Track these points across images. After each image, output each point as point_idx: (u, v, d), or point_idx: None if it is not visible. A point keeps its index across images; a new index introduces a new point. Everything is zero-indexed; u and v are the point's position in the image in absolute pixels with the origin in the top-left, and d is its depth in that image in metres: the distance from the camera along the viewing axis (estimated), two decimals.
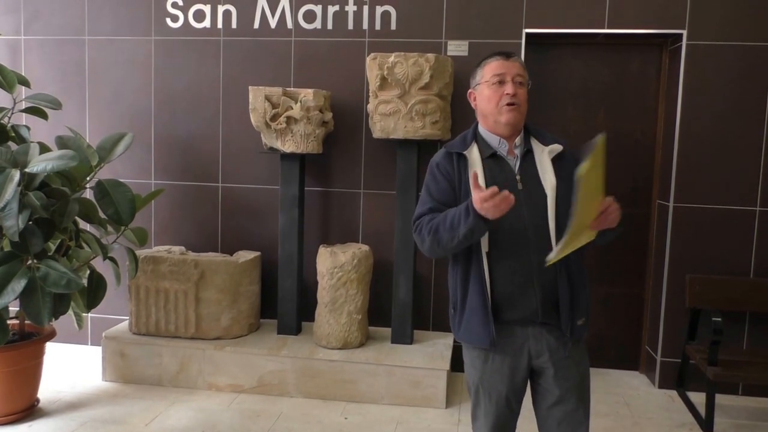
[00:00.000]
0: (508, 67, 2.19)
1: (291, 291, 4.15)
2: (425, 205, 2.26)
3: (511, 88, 2.16)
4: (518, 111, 2.17)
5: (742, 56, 3.90)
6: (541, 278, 2.09)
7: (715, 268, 3.99)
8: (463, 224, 2.01)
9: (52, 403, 3.69)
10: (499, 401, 2.24)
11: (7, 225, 2.91)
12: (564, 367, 2.17)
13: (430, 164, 2.31)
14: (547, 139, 2.21)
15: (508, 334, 2.17)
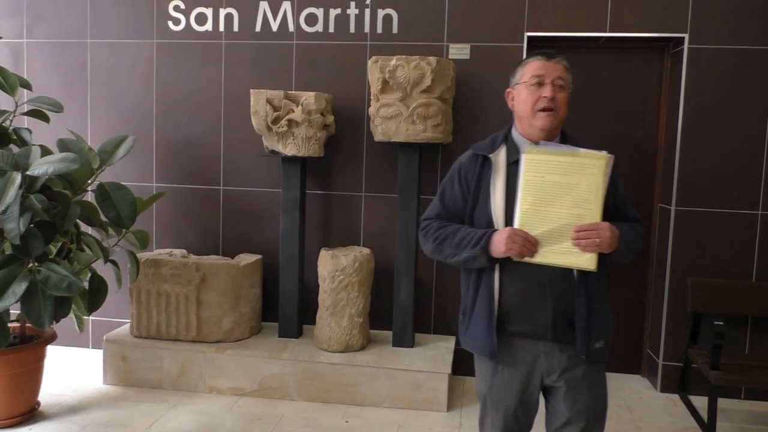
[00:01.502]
0: (549, 68, 2.08)
1: (292, 294, 4.15)
2: (435, 209, 2.25)
3: (549, 91, 2.05)
4: (554, 116, 2.06)
5: (743, 60, 3.90)
6: (555, 293, 2.03)
7: (717, 271, 3.98)
8: (468, 248, 2.06)
9: (53, 406, 3.69)
10: (506, 414, 2.19)
11: (8, 228, 2.91)
12: (576, 389, 2.10)
13: (455, 164, 2.28)
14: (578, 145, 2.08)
15: (517, 347, 2.12)
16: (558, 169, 1.96)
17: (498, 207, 2.07)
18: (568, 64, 2.12)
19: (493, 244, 2.01)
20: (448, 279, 4.29)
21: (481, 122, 4.15)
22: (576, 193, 1.95)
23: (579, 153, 1.96)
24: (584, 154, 1.96)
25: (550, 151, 1.99)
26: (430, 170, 4.23)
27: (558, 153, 1.98)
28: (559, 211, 1.96)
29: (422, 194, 4.13)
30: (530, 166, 1.99)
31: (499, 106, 4.10)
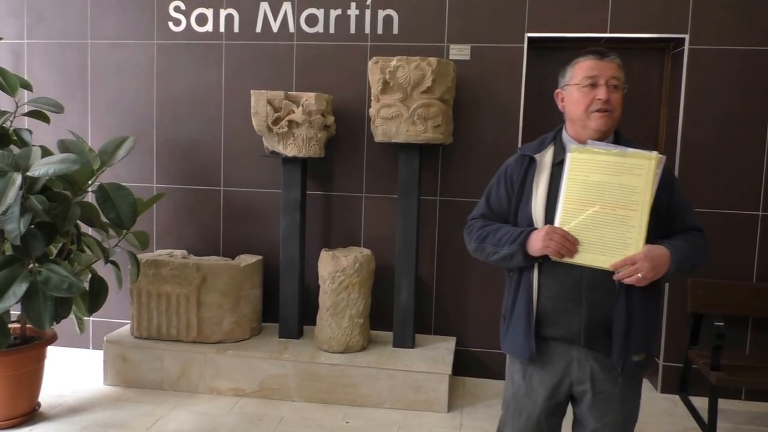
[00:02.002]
0: (603, 68, 1.99)
1: (292, 295, 4.15)
2: (480, 209, 2.23)
3: (603, 93, 1.96)
4: (610, 118, 1.98)
5: (744, 61, 3.90)
6: (591, 298, 1.97)
7: (718, 272, 3.97)
8: (507, 246, 2.02)
9: (54, 407, 3.69)
10: (528, 421, 2.15)
11: (8, 229, 2.91)
12: (605, 401, 2.05)
13: (503, 165, 2.23)
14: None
15: (552, 351, 2.07)
16: (604, 169, 1.91)
17: (539, 207, 2.03)
18: (621, 62, 2.03)
19: (531, 241, 1.97)
20: (448, 280, 4.29)
21: (482, 123, 4.15)
22: (622, 194, 1.89)
23: (627, 153, 1.91)
24: (632, 153, 1.90)
25: (597, 151, 1.94)
26: (431, 171, 4.23)
27: (605, 152, 1.92)
28: (601, 211, 1.90)
29: (423, 195, 4.14)
30: (575, 165, 1.95)
31: (499, 106, 4.12)
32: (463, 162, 4.20)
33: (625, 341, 1.95)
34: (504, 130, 4.13)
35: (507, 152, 4.06)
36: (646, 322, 1.98)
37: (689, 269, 1.97)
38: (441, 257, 4.29)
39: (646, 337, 2.00)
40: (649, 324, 2.01)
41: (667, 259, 1.88)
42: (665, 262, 1.87)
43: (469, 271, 4.25)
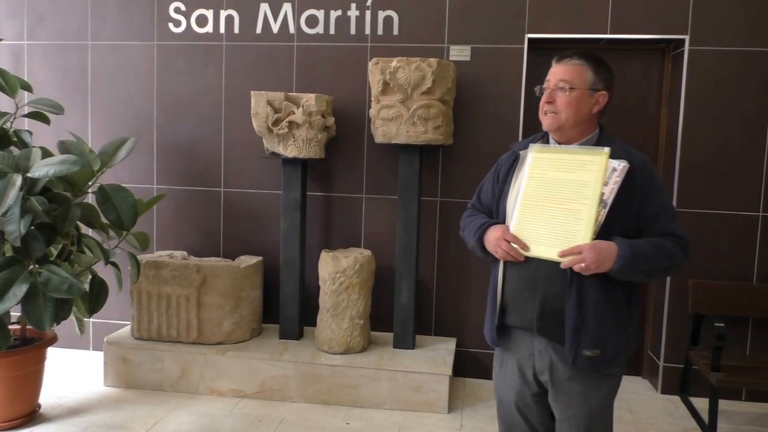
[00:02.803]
0: (555, 72, 2.09)
1: (293, 296, 4.14)
2: (473, 200, 2.43)
3: (545, 96, 2.09)
4: (555, 119, 2.06)
5: (744, 62, 3.90)
6: (545, 290, 2.03)
7: (718, 273, 3.98)
8: (471, 237, 2.21)
9: (54, 408, 3.69)
10: (509, 408, 2.23)
11: (8, 230, 2.91)
12: (564, 393, 2.09)
13: (498, 159, 2.38)
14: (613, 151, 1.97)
15: (517, 339, 2.16)
16: (560, 167, 2.01)
17: (512, 200, 2.12)
18: (583, 62, 2.09)
19: (486, 237, 2.13)
20: (448, 281, 4.29)
21: (482, 124, 4.15)
22: (574, 189, 1.96)
23: (580, 150, 2.00)
24: (585, 150, 1.99)
25: (557, 150, 2.06)
26: (431, 172, 4.23)
27: (564, 151, 2.03)
28: (554, 206, 1.99)
29: (423, 196, 4.13)
30: (535, 164, 2.06)
31: (499, 107, 4.12)
32: (463, 163, 4.20)
33: (576, 335, 1.98)
34: (504, 131, 4.13)
35: None
36: (601, 318, 1.99)
37: (647, 271, 1.95)
38: (441, 258, 4.29)
39: (602, 333, 1.99)
40: (607, 321, 2.00)
41: (613, 254, 1.90)
42: (611, 257, 1.90)
43: (469, 272, 4.25)
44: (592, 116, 2.07)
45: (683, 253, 2.00)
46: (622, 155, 1.99)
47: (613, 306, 2.01)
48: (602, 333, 2.00)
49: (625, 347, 2.06)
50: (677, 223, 2.03)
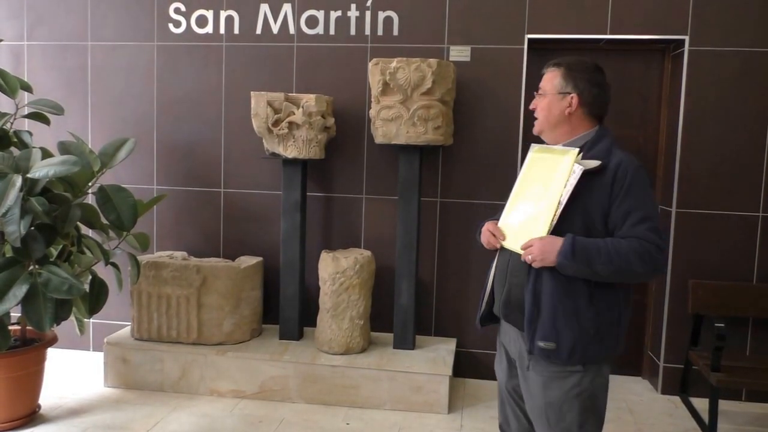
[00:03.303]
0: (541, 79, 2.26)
1: (293, 296, 4.14)
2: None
3: (532, 103, 2.27)
4: (536, 123, 2.25)
5: (744, 62, 3.90)
6: (511, 279, 2.15)
7: (718, 273, 3.98)
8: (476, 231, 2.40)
9: (54, 409, 3.69)
10: (502, 390, 2.39)
11: (8, 230, 2.91)
12: (527, 381, 2.16)
13: None
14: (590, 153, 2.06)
15: (504, 326, 2.32)
16: (541, 166, 2.14)
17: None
18: (555, 68, 2.19)
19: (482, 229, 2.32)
20: (448, 281, 4.29)
21: (482, 124, 4.15)
22: (544, 187, 2.07)
23: (558, 150, 2.11)
24: (561, 151, 2.09)
25: (546, 149, 2.18)
26: (431, 172, 4.23)
27: (549, 151, 2.15)
28: (528, 202, 2.13)
29: (423, 196, 4.13)
30: (528, 163, 2.24)
31: (499, 107, 4.12)
32: (463, 163, 4.20)
33: (531, 325, 2.05)
34: (504, 131, 4.13)
35: (507, 154, 4.12)
36: (555, 312, 2.02)
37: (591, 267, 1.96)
38: (441, 259, 4.29)
39: (556, 326, 2.02)
40: (562, 315, 2.02)
41: (556, 249, 1.97)
42: (554, 251, 1.97)
43: (469, 272, 4.25)
44: (568, 118, 2.15)
45: (647, 257, 1.94)
46: (602, 156, 2.03)
47: (570, 301, 2.02)
48: (557, 326, 2.02)
49: (586, 344, 2.02)
50: (649, 226, 1.97)
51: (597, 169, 1.99)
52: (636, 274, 1.96)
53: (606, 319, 2.03)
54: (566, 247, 1.95)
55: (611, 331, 2.05)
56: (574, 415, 2.07)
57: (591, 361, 2.05)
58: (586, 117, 2.15)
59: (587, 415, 2.08)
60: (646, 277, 2.01)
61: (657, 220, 2.01)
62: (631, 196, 1.99)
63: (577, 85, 2.13)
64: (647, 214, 1.98)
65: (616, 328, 2.06)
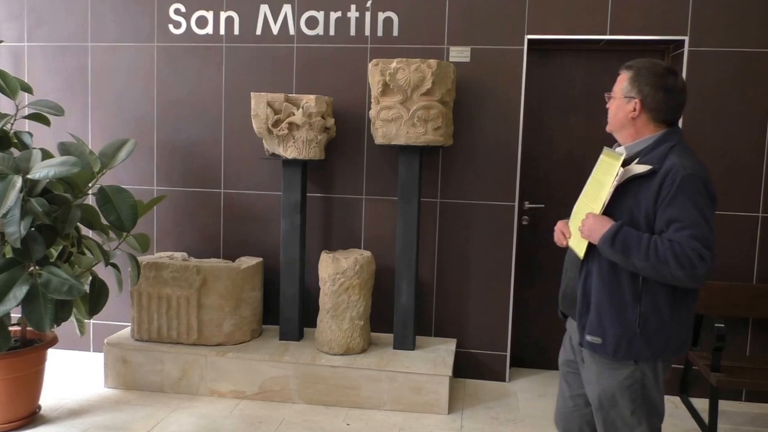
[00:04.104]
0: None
1: (293, 297, 4.15)
2: None
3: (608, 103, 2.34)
4: (608, 123, 2.31)
5: (744, 62, 3.91)
6: (568, 274, 2.32)
7: (718, 274, 3.98)
8: None
9: (54, 410, 3.69)
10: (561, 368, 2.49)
11: (9, 231, 2.91)
12: (585, 370, 2.29)
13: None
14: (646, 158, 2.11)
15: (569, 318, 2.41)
16: (603, 168, 2.21)
17: None
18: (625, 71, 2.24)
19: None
20: (448, 282, 4.29)
21: (482, 125, 4.15)
22: (599, 188, 2.17)
23: (613, 154, 2.18)
24: (615, 155, 2.16)
25: (610, 154, 2.23)
26: (431, 173, 4.23)
27: (611, 155, 2.19)
28: (588, 203, 2.22)
29: (423, 197, 4.14)
30: (597, 166, 2.30)
31: (499, 108, 4.12)
32: (463, 164, 4.20)
33: (581, 319, 2.19)
34: (504, 132, 4.13)
35: (507, 154, 4.12)
36: (601, 308, 2.13)
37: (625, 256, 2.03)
38: (441, 259, 4.29)
39: (602, 324, 2.13)
40: (606, 311, 2.12)
41: (603, 230, 2.06)
42: (600, 231, 2.07)
43: (469, 272, 4.25)
44: (633, 121, 2.18)
45: (685, 262, 1.97)
46: (654, 161, 2.06)
47: (616, 299, 2.11)
48: (603, 322, 2.13)
49: (631, 341, 2.10)
50: (692, 233, 1.99)
51: (645, 173, 2.04)
52: (672, 276, 1.99)
53: (653, 319, 2.08)
54: (610, 232, 2.04)
55: (660, 332, 2.09)
56: (626, 402, 2.16)
57: (638, 358, 2.12)
58: (651, 121, 2.16)
59: (638, 404, 2.16)
60: (685, 282, 2.02)
61: (704, 230, 2.00)
62: (676, 204, 2.01)
63: (641, 90, 2.15)
64: (691, 223, 1.99)
65: (665, 329, 2.09)
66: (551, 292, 3.06)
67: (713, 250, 2.01)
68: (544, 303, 4.34)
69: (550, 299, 3.22)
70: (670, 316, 2.09)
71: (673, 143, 2.11)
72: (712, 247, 2.01)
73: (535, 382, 4.28)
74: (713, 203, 2.06)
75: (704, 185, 2.03)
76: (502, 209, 4.18)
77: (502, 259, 4.20)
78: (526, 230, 4.38)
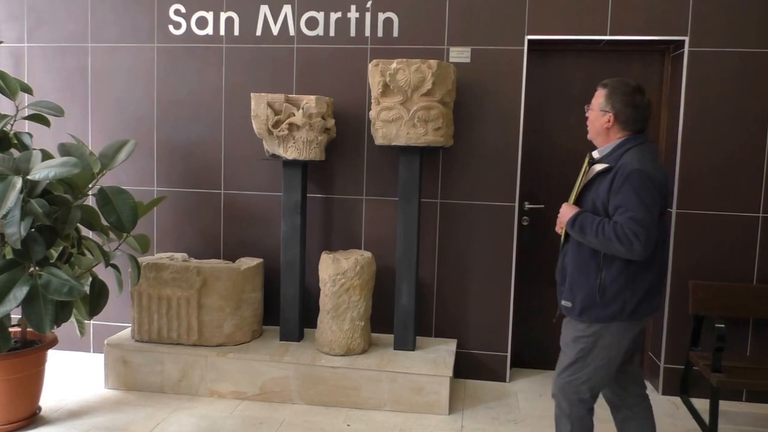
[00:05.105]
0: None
1: (293, 298, 4.14)
2: None
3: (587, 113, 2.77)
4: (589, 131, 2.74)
5: (744, 62, 3.91)
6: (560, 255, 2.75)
7: (718, 274, 3.98)
8: None
9: (54, 411, 3.69)
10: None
11: (9, 232, 2.91)
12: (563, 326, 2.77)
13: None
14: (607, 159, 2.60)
15: None
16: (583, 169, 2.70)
17: None
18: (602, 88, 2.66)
19: None
20: (449, 282, 4.29)
21: (482, 125, 4.15)
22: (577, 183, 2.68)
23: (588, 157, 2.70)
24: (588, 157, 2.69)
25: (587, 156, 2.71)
26: (431, 174, 4.23)
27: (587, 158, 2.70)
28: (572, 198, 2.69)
29: (423, 198, 4.14)
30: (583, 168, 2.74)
31: (500, 108, 4.12)
32: (463, 165, 4.20)
33: (560, 287, 2.73)
34: (504, 132, 4.13)
35: (508, 155, 4.12)
36: (573, 279, 2.63)
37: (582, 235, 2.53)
38: (442, 260, 4.29)
39: (572, 290, 2.63)
40: (576, 280, 2.62)
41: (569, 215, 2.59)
42: (568, 216, 2.59)
43: (469, 273, 4.25)
44: (607, 131, 2.63)
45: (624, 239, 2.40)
46: (611, 161, 2.54)
47: (583, 271, 2.60)
48: (572, 290, 2.63)
49: (592, 307, 2.57)
50: (630, 216, 2.41)
51: (603, 170, 2.54)
52: (617, 250, 2.44)
53: (611, 288, 2.53)
54: (573, 216, 2.57)
55: (616, 299, 2.53)
56: (572, 352, 2.66)
57: (597, 320, 2.57)
58: (620, 131, 2.61)
59: (580, 356, 2.63)
60: (627, 255, 2.44)
61: (642, 213, 2.41)
62: (622, 192, 2.46)
63: (614, 105, 2.60)
64: (632, 207, 2.43)
65: (621, 296, 2.52)
66: (551, 292, 3.06)
67: (650, 231, 2.40)
68: (545, 303, 4.34)
69: (551, 299, 3.23)
70: (625, 286, 2.52)
71: (630, 146, 2.56)
72: (648, 227, 2.40)
73: (535, 383, 4.28)
74: (657, 192, 2.47)
75: (648, 178, 2.44)
76: (503, 210, 4.18)
77: (503, 260, 4.20)
78: (527, 231, 4.38)
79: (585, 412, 2.70)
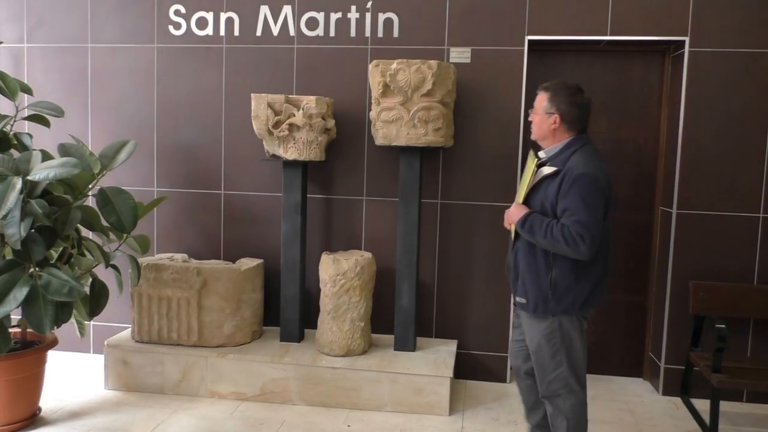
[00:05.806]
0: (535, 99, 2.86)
1: (293, 298, 4.14)
2: None
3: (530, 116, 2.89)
4: (532, 133, 2.84)
5: (744, 63, 3.90)
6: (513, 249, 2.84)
7: (719, 274, 3.98)
8: None
9: (54, 411, 3.68)
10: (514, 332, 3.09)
11: (9, 233, 2.91)
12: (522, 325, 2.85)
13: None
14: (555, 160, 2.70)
15: None
16: (527, 168, 2.79)
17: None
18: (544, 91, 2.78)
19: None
20: (449, 283, 4.29)
21: (483, 126, 4.15)
22: (523, 184, 2.80)
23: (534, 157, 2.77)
24: (534, 158, 2.76)
25: (531, 156, 2.79)
26: (432, 174, 4.23)
27: (532, 158, 2.78)
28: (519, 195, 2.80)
29: (424, 198, 4.13)
30: (526, 166, 2.82)
31: (500, 108, 4.12)
32: (464, 165, 4.20)
33: (513, 284, 2.83)
34: (505, 133, 4.13)
35: (508, 155, 4.12)
36: (525, 277, 2.74)
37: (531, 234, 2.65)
38: (442, 260, 4.28)
39: (524, 286, 2.74)
40: (528, 277, 2.72)
41: (519, 215, 2.69)
42: (517, 216, 2.71)
43: (470, 273, 4.25)
44: (553, 132, 2.74)
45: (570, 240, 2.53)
46: (559, 164, 2.65)
47: (534, 268, 2.71)
48: (525, 286, 2.74)
49: (545, 302, 2.68)
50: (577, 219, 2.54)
51: (552, 174, 2.64)
52: (564, 250, 2.57)
53: (561, 284, 2.65)
54: (522, 217, 2.68)
55: (567, 293, 2.65)
56: (548, 348, 2.73)
57: (552, 314, 2.68)
58: (567, 131, 2.72)
59: (557, 348, 2.72)
60: (573, 255, 2.57)
61: (587, 217, 2.54)
62: (569, 196, 2.58)
63: (559, 107, 2.70)
64: (577, 211, 2.55)
65: (572, 291, 2.65)
66: None
67: (594, 233, 2.53)
68: None
69: None
70: (575, 282, 2.65)
71: (577, 147, 2.67)
72: (592, 230, 2.53)
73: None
74: (602, 195, 2.59)
75: (593, 182, 2.57)
76: (503, 210, 4.15)
77: (503, 260, 4.20)
78: None
79: (578, 403, 2.76)
